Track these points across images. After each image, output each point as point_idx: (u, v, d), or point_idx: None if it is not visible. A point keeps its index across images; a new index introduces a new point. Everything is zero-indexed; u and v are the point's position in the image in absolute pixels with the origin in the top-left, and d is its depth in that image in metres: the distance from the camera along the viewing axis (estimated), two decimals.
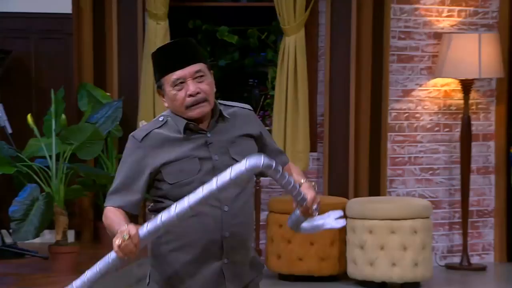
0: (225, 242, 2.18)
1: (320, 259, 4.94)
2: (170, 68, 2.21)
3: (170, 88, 2.22)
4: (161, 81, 2.24)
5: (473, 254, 5.55)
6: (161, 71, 2.24)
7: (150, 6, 5.21)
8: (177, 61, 2.21)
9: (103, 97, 5.10)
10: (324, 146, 5.34)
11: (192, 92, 2.19)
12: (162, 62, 2.23)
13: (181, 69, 2.20)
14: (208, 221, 2.17)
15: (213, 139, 2.22)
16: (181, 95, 2.20)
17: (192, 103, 2.20)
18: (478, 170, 5.62)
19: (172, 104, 2.23)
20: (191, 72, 2.21)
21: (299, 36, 5.21)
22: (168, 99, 2.24)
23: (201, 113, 2.21)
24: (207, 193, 2.03)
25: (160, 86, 2.25)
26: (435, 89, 5.54)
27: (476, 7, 5.58)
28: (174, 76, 2.20)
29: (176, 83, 2.21)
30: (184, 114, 2.22)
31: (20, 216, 4.08)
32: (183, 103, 2.20)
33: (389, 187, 5.43)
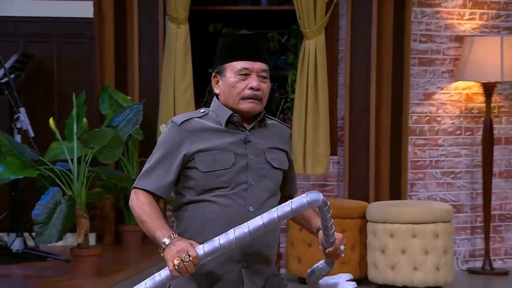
0: (245, 244, 2.14)
1: (341, 263, 4.93)
2: (241, 56, 2.19)
3: (232, 75, 2.19)
4: (223, 66, 2.21)
5: (495, 258, 5.51)
6: (229, 56, 2.21)
7: (171, 10, 5.23)
8: (250, 52, 2.20)
9: (124, 100, 5.13)
10: (344, 150, 5.32)
11: (254, 86, 2.19)
12: (234, 47, 2.21)
13: (251, 61, 2.19)
14: (231, 217, 2.13)
15: (252, 139, 2.22)
16: (242, 86, 2.19)
17: (249, 96, 2.19)
18: (500, 174, 5.58)
19: (227, 91, 2.20)
20: (259, 68, 2.20)
21: (319, 39, 5.21)
22: (225, 86, 2.21)
23: (252, 109, 2.21)
24: (267, 220, 2.01)
25: (219, 71, 2.22)
26: (456, 92, 5.51)
27: (498, 10, 5.54)
28: (243, 65, 2.19)
29: (241, 72, 2.19)
30: (235, 105, 2.20)
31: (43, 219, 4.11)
32: (241, 93, 2.19)
33: (410, 190, 5.40)
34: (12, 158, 4.31)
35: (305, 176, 5.33)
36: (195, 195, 2.16)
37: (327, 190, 5.40)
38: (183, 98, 5.26)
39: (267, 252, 2.20)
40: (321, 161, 5.22)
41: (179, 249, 2.01)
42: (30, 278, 4.31)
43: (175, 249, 2.01)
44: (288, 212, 2.01)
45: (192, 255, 1.99)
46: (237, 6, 6.03)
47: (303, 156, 5.23)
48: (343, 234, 4.96)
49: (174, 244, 2.03)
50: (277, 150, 2.25)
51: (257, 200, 2.17)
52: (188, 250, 2.00)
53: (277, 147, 2.25)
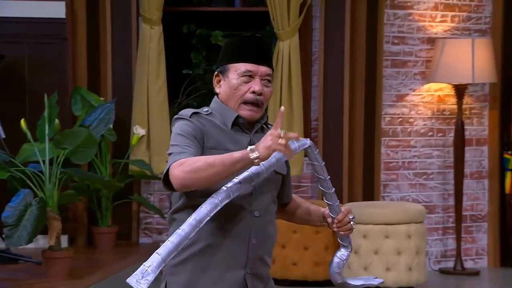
0: (251, 249, 2.12)
1: (314, 264, 4.94)
2: (246, 57, 2.13)
3: (235, 76, 2.14)
4: (227, 66, 2.15)
5: (466, 258, 5.57)
6: (233, 56, 2.15)
7: (144, 10, 5.21)
8: (255, 54, 2.14)
9: (97, 101, 5.10)
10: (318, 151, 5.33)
11: (257, 90, 2.13)
12: (239, 48, 2.15)
13: (256, 64, 2.14)
14: (237, 223, 2.09)
15: (255, 141, 2.14)
16: (244, 88, 2.14)
17: (251, 100, 2.13)
18: (471, 175, 5.63)
19: (229, 92, 2.15)
20: (263, 72, 2.15)
21: (293, 41, 5.22)
22: (227, 86, 2.15)
23: (250, 117, 2.15)
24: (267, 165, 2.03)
25: (222, 70, 2.17)
26: (428, 94, 5.56)
27: (469, 12, 5.60)
28: (247, 67, 2.13)
29: (245, 74, 2.13)
30: (234, 108, 2.15)
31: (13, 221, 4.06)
32: (243, 96, 2.14)
33: (383, 192, 5.44)
34: None
35: None
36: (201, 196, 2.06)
37: (301, 191, 5.42)
38: (156, 99, 5.23)
39: (268, 257, 2.20)
40: (295, 163, 5.23)
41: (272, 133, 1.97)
42: (1, 281, 4.26)
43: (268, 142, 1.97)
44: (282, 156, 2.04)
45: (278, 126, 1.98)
46: (211, 7, 6.03)
47: None
48: (317, 235, 4.98)
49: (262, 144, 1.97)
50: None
51: (261, 204, 2.15)
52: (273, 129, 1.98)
53: None
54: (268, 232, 2.17)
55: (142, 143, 5.23)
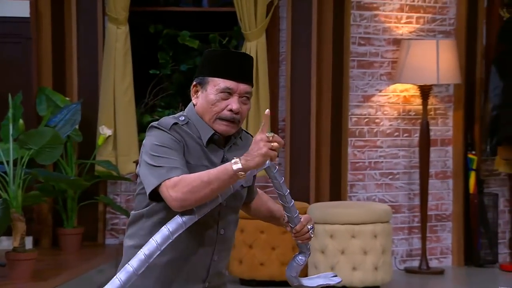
0: (212, 265, 2.15)
1: (281, 264, 4.95)
2: (227, 74, 2.10)
3: (213, 91, 2.10)
4: (207, 79, 2.12)
5: (431, 257, 5.63)
6: (215, 71, 2.11)
7: (110, 10, 5.17)
8: (238, 73, 2.11)
9: (63, 101, 5.05)
10: (285, 151, 5.36)
11: (235, 109, 2.10)
12: (221, 63, 2.11)
13: (237, 81, 2.10)
14: (203, 240, 2.11)
15: (228, 157, 2.13)
16: (221, 105, 2.10)
17: (226, 117, 2.10)
18: (436, 174, 5.70)
19: (206, 106, 2.11)
20: (242, 90, 2.12)
21: (260, 41, 5.23)
22: (204, 100, 2.12)
23: (225, 132, 2.12)
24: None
25: (201, 82, 2.13)
26: (394, 95, 5.61)
27: (434, 14, 5.67)
28: (227, 84, 2.10)
29: (224, 90, 2.10)
30: (209, 122, 2.12)
31: None
32: (219, 113, 2.10)
33: (350, 191, 5.47)
34: None
35: None
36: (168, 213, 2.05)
37: (269, 191, 5.40)
38: (123, 99, 5.20)
39: (224, 269, 2.23)
40: None
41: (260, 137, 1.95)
42: None
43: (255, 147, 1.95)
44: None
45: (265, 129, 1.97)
46: (178, 7, 6.01)
47: None
48: (284, 235, 4.99)
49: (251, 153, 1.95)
50: None
51: (227, 223, 2.16)
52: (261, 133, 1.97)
53: None
54: (229, 246, 2.20)
55: (108, 144, 5.19)
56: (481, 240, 5.65)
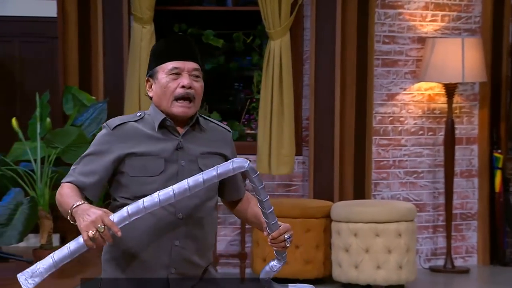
0: (174, 251, 2.14)
1: (305, 262, 4.96)
2: (171, 56, 2.18)
3: (164, 76, 2.18)
4: (155, 69, 2.20)
5: (456, 256, 5.60)
6: (159, 58, 2.20)
7: (136, 10, 5.21)
8: (180, 52, 2.19)
9: (89, 100, 5.10)
10: (309, 150, 5.36)
11: (186, 84, 2.17)
12: (163, 50, 2.21)
13: (182, 60, 2.18)
14: (160, 225, 2.12)
15: (184, 145, 2.18)
16: (173, 85, 2.17)
17: (182, 95, 2.17)
18: (461, 173, 5.67)
19: (160, 92, 2.19)
20: (190, 67, 2.19)
21: (284, 40, 5.24)
22: (158, 87, 2.20)
23: (184, 113, 2.18)
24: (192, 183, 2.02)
25: (151, 74, 2.22)
26: (419, 93, 5.59)
27: (459, 12, 5.63)
28: (173, 65, 2.18)
29: (172, 71, 2.18)
30: (167, 108, 2.18)
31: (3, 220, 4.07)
32: (173, 93, 2.17)
33: (374, 190, 5.46)
34: None
35: (270, 177, 5.35)
36: (128, 201, 2.12)
37: (292, 190, 5.44)
38: (148, 98, 5.23)
39: (200, 258, 2.19)
40: (286, 161, 5.25)
41: (93, 218, 1.99)
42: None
43: (89, 219, 1.99)
44: (213, 177, 2.03)
45: (107, 223, 1.99)
46: (203, 6, 6.04)
47: (268, 156, 5.25)
48: (308, 233, 4.99)
49: (87, 214, 2.01)
50: (213, 155, 2.20)
51: (186, 207, 2.15)
52: (103, 218, 1.99)
53: (212, 151, 2.21)
54: (195, 235, 2.17)
55: None
56: (507, 239, 5.61)
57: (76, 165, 2.20)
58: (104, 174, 2.17)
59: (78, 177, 2.17)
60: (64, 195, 2.13)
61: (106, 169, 2.17)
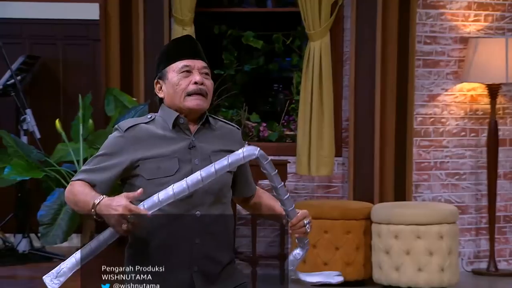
0: (195, 249, 2.16)
1: (345, 264, 4.94)
2: (180, 55, 2.23)
3: (174, 75, 2.22)
4: (165, 70, 2.24)
5: (500, 259, 5.51)
6: (168, 59, 2.25)
7: (176, 12, 5.25)
8: (189, 51, 2.25)
9: (130, 102, 5.15)
10: (349, 151, 5.33)
11: (198, 80, 2.21)
12: (172, 51, 2.26)
13: (191, 59, 2.23)
14: (179, 224, 2.14)
15: (197, 143, 2.22)
16: (185, 82, 2.22)
17: (194, 90, 2.21)
18: (505, 175, 5.58)
19: (172, 90, 2.22)
20: (200, 65, 2.24)
21: (324, 41, 5.22)
22: (169, 86, 2.23)
23: (198, 106, 2.21)
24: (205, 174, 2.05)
25: (161, 76, 2.25)
26: (461, 94, 5.52)
27: (503, 11, 5.55)
28: (184, 63, 2.22)
29: (183, 69, 2.22)
30: (180, 103, 2.21)
31: (48, 220, 4.13)
32: (186, 89, 2.21)
33: (415, 192, 5.41)
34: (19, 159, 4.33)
35: (309, 178, 5.34)
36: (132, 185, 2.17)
37: (332, 191, 5.41)
38: None
39: (220, 254, 2.21)
40: (325, 162, 5.23)
41: (120, 211, 2.02)
42: (36, 279, 4.33)
43: (116, 213, 2.02)
44: (225, 166, 2.06)
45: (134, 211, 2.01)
46: (242, 7, 6.05)
47: (307, 157, 5.24)
48: (348, 235, 4.97)
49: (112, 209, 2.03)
50: (225, 152, 2.20)
51: (203, 204, 2.17)
52: (129, 208, 2.01)
53: (224, 149, 2.24)
54: (214, 231, 2.19)
55: None
56: None
57: (87, 165, 2.22)
58: (115, 173, 2.19)
59: (88, 175, 2.19)
60: (78, 193, 2.15)
61: (117, 169, 2.19)
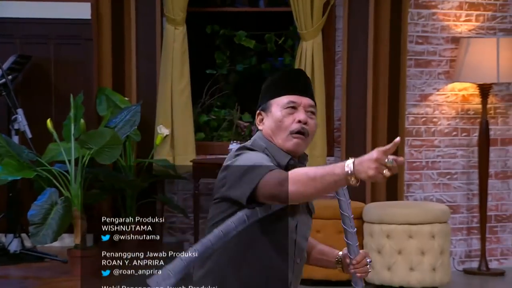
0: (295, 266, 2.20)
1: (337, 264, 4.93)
2: (288, 90, 2.14)
3: (278, 109, 2.13)
4: (269, 102, 2.16)
5: (491, 259, 5.53)
6: (275, 91, 2.16)
7: (168, 11, 5.25)
8: (298, 87, 2.16)
9: (122, 101, 5.15)
10: (341, 151, 5.34)
11: (302, 119, 2.12)
12: (280, 83, 2.17)
13: (299, 95, 2.15)
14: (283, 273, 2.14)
15: None
16: (289, 120, 2.13)
17: (298, 129, 2.12)
18: (496, 174, 5.60)
19: (274, 126, 2.13)
20: (306, 103, 2.16)
21: (316, 41, 5.23)
22: (271, 121, 2.14)
23: (298, 146, 2.13)
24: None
25: (264, 108, 2.17)
26: (452, 94, 5.53)
27: (494, 11, 5.56)
28: (290, 99, 2.14)
29: (288, 105, 2.14)
30: (282, 142, 2.12)
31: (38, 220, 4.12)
32: (289, 127, 2.12)
33: (407, 191, 5.42)
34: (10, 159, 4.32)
35: None
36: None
37: None
38: (180, 99, 5.27)
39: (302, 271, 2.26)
40: (317, 162, 5.23)
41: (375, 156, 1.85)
42: (28, 279, 4.32)
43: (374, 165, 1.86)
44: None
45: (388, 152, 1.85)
46: (235, 7, 6.05)
47: None
48: (340, 234, 4.94)
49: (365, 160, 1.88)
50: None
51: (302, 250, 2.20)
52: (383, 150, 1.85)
53: None
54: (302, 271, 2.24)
55: (166, 143, 5.26)
56: None
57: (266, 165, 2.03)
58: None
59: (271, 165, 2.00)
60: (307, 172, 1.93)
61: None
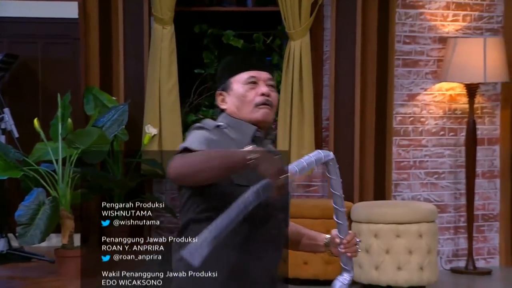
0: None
1: (325, 263, 4.95)
2: (246, 67, 2.20)
3: (240, 86, 2.18)
4: (229, 81, 2.20)
5: (478, 258, 5.56)
6: (234, 70, 2.20)
7: (156, 10, 5.24)
8: (256, 63, 2.22)
9: (109, 101, 5.13)
10: (329, 150, 5.34)
11: (265, 92, 2.18)
12: (237, 62, 2.22)
13: (257, 70, 2.20)
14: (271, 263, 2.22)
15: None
16: (252, 94, 2.18)
17: (262, 101, 2.17)
18: (483, 174, 5.62)
19: (238, 102, 2.17)
20: (265, 77, 2.21)
21: (304, 40, 5.23)
22: (234, 98, 2.18)
23: (265, 116, 2.17)
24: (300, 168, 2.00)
25: (224, 87, 2.20)
26: (440, 93, 5.55)
27: (481, 11, 5.59)
28: (250, 74, 2.19)
29: (249, 80, 2.18)
30: (248, 115, 2.17)
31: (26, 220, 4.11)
32: (253, 100, 2.17)
33: (394, 191, 5.44)
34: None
35: None
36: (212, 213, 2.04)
37: (312, 190, 5.43)
38: (168, 99, 5.26)
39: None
40: None
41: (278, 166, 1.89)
42: (15, 279, 4.30)
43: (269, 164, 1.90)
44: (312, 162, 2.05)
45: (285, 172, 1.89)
46: (223, 7, 6.04)
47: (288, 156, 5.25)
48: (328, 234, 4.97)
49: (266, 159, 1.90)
50: None
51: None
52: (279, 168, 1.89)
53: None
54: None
55: (154, 142, 5.26)
56: None
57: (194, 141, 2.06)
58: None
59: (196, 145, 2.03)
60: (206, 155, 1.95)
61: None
